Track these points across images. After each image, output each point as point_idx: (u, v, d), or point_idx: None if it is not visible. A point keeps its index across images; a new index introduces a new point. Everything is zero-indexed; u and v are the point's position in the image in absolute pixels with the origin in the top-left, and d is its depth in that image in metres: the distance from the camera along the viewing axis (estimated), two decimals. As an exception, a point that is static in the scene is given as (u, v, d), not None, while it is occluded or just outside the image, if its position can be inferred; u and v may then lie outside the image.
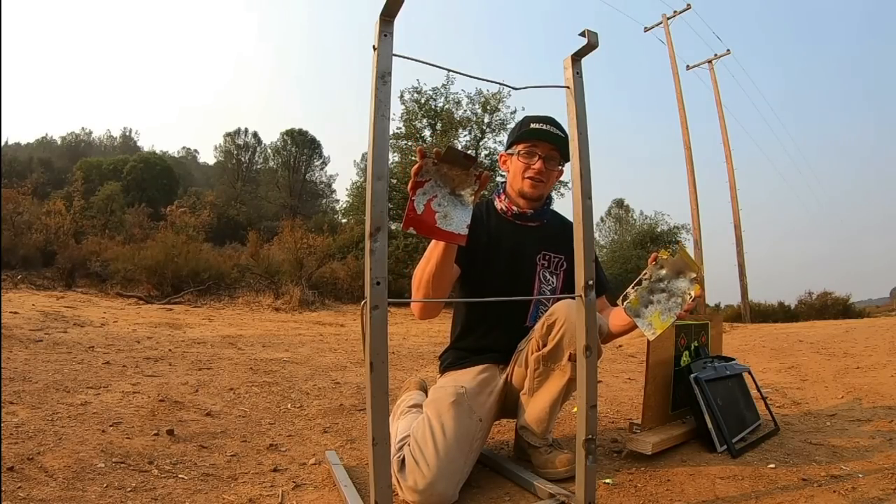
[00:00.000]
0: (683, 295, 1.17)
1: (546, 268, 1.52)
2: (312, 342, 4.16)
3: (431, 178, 0.97)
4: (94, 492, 1.12)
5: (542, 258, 1.51)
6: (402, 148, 13.35)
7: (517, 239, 1.50)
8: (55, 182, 22.46)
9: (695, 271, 1.19)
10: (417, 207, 0.95)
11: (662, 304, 1.17)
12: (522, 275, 1.49)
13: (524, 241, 1.51)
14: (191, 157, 46.66)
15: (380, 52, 0.82)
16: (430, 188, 0.97)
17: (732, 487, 1.20)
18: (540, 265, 1.51)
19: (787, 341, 4.19)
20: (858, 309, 15.81)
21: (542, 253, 1.51)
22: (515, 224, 1.52)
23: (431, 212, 0.96)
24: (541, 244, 1.51)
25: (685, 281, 1.18)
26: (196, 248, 9.39)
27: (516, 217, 1.52)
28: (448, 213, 0.97)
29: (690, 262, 1.20)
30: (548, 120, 1.49)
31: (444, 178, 0.98)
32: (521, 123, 1.54)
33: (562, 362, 1.28)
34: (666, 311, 1.17)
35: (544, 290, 1.50)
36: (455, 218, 0.98)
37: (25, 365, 2.27)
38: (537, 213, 1.52)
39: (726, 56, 14.57)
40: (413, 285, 1.33)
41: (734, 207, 13.80)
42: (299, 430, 1.72)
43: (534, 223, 1.53)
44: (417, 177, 0.96)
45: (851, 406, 2.04)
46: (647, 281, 1.19)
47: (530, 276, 1.50)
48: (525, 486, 1.26)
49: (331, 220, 18.72)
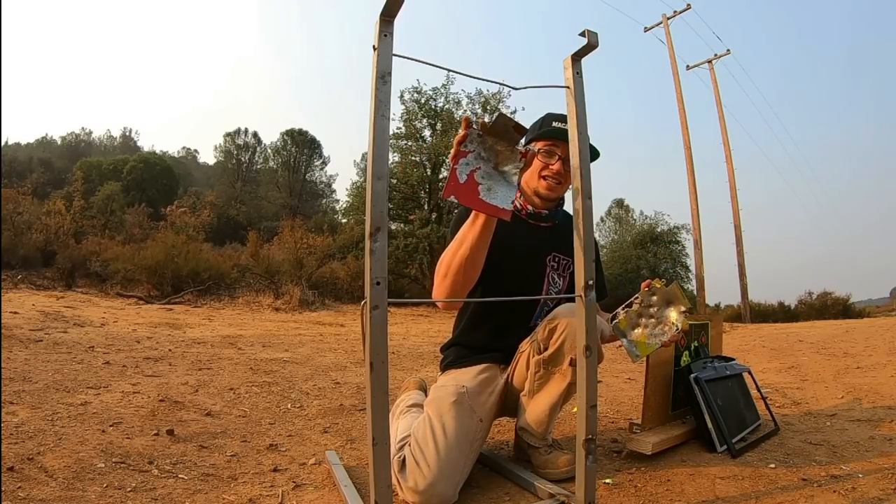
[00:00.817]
0: (671, 325, 1.22)
1: (555, 269, 1.51)
2: (312, 342, 4.16)
3: (475, 149, 0.93)
4: (94, 492, 1.12)
5: (552, 259, 1.50)
6: (402, 148, 13.34)
7: (530, 239, 1.48)
8: (55, 182, 22.45)
9: (685, 306, 1.23)
10: (460, 177, 0.91)
11: (650, 328, 1.22)
12: (532, 275, 1.48)
13: (536, 242, 1.49)
14: (191, 157, 46.64)
15: (380, 52, 0.81)
16: (472, 159, 0.93)
17: (732, 487, 1.20)
18: (549, 267, 1.50)
19: (787, 341, 4.19)
20: (858, 309, 15.80)
21: (552, 254, 1.50)
22: (528, 224, 1.50)
23: (475, 182, 0.92)
24: (551, 245, 1.50)
25: (674, 312, 1.23)
26: (196, 248, 9.39)
27: (530, 217, 1.50)
28: (492, 187, 0.94)
29: (682, 296, 1.24)
30: None
31: (489, 152, 0.94)
32: (542, 120, 1.51)
33: (562, 367, 1.28)
34: (652, 336, 1.21)
35: (551, 291, 1.49)
36: (500, 192, 0.94)
37: (25, 365, 2.27)
38: (551, 213, 1.51)
39: (726, 56, 14.59)
40: (438, 273, 1.28)
41: (734, 207, 13.81)
42: (299, 430, 1.72)
43: (546, 224, 1.51)
44: (461, 146, 0.92)
45: (851, 406, 2.04)
46: (638, 305, 1.23)
47: (540, 277, 1.49)
48: (525, 486, 1.26)
49: (331, 220, 18.72)
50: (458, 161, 0.92)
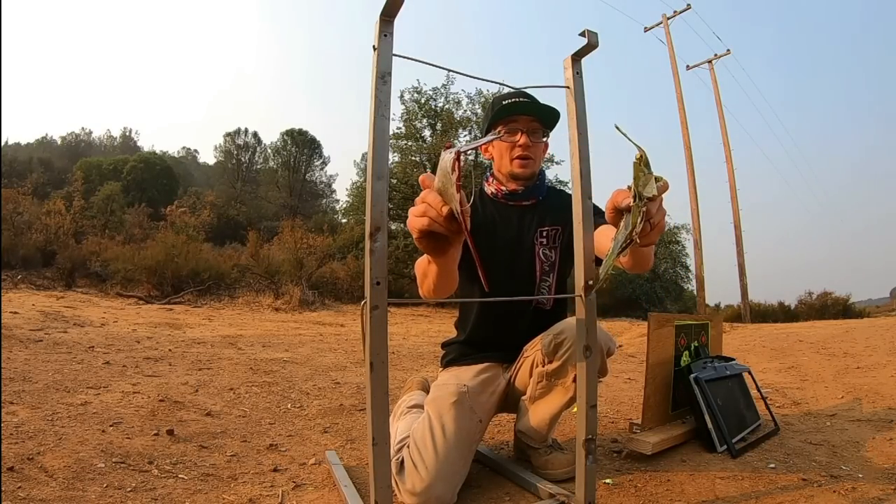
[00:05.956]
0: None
1: (545, 245, 1.44)
2: (312, 342, 4.16)
3: None
4: (94, 492, 1.12)
5: (540, 235, 1.44)
6: (402, 148, 13.36)
7: (513, 221, 1.45)
8: (55, 182, 22.43)
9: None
10: None
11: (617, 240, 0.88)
12: (523, 257, 1.44)
13: (521, 222, 1.45)
14: (191, 157, 46.61)
15: (380, 52, 0.81)
16: None
17: (732, 487, 1.20)
18: (538, 244, 1.44)
19: (787, 341, 4.19)
20: (858, 309, 15.79)
21: (538, 230, 1.44)
22: (509, 205, 1.46)
23: None
24: (538, 221, 1.45)
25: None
26: (196, 248, 9.39)
27: (508, 198, 1.46)
28: None
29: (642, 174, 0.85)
30: (521, 93, 1.39)
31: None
32: (492, 105, 1.46)
33: (566, 381, 1.26)
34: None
35: (544, 267, 1.44)
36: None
37: (25, 365, 2.27)
38: (529, 189, 1.45)
39: (726, 56, 14.58)
40: (417, 273, 1.18)
41: (734, 207, 13.80)
42: (299, 430, 1.72)
43: (527, 201, 1.46)
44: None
45: (851, 406, 2.04)
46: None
47: (531, 257, 1.44)
48: (525, 486, 1.26)
49: (331, 220, 18.73)
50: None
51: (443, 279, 1.02)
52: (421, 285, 1.17)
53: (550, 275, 1.45)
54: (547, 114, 1.38)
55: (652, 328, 1.48)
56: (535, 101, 1.39)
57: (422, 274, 1.13)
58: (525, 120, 1.39)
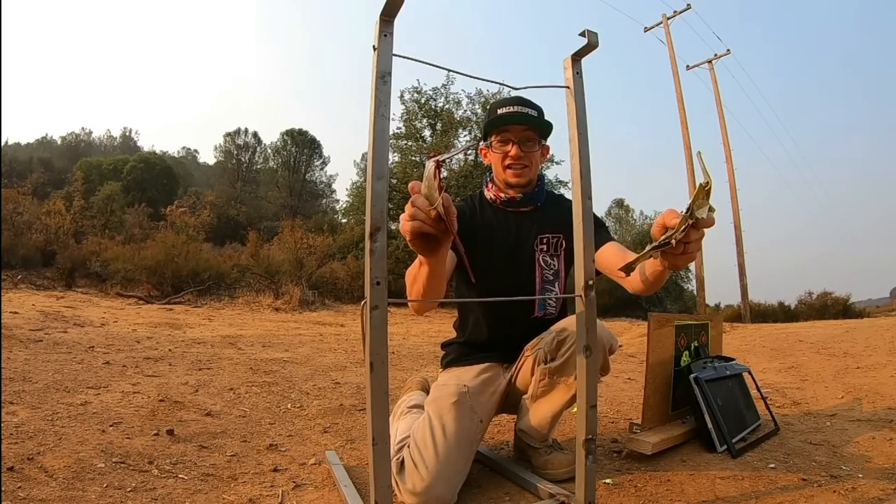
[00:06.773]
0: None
1: (545, 252, 1.45)
2: (312, 342, 4.16)
3: None
4: (94, 492, 1.12)
5: (541, 242, 1.45)
6: (402, 148, 13.36)
7: (512, 227, 1.45)
8: (55, 182, 22.44)
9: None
10: None
11: None
12: (522, 263, 1.44)
13: (520, 228, 1.45)
14: (191, 157, 46.61)
15: (380, 52, 0.81)
16: None
17: (732, 487, 1.20)
18: (539, 251, 1.45)
19: (787, 341, 4.19)
20: (858, 309, 15.80)
21: (539, 237, 1.45)
22: (508, 212, 1.47)
23: None
24: (537, 228, 1.45)
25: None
26: (196, 248, 9.41)
27: (507, 204, 1.46)
28: None
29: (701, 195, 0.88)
30: (516, 101, 1.40)
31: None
32: (489, 111, 1.47)
33: (568, 379, 1.26)
34: None
35: (546, 275, 1.45)
36: None
37: (25, 365, 2.27)
38: (528, 196, 1.46)
39: (726, 56, 14.58)
40: (407, 280, 1.21)
41: (734, 207, 13.81)
42: (299, 430, 1.72)
43: (526, 208, 1.47)
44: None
45: (851, 406, 2.04)
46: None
47: (530, 263, 1.44)
48: (525, 486, 1.26)
49: (331, 220, 18.74)
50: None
51: (432, 280, 1.05)
52: (410, 290, 1.19)
53: (555, 283, 1.45)
54: (541, 124, 1.40)
55: (652, 328, 1.47)
56: (532, 108, 1.40)
57: (411, 279, 1.16)
58: (518, 130, 1.40)
